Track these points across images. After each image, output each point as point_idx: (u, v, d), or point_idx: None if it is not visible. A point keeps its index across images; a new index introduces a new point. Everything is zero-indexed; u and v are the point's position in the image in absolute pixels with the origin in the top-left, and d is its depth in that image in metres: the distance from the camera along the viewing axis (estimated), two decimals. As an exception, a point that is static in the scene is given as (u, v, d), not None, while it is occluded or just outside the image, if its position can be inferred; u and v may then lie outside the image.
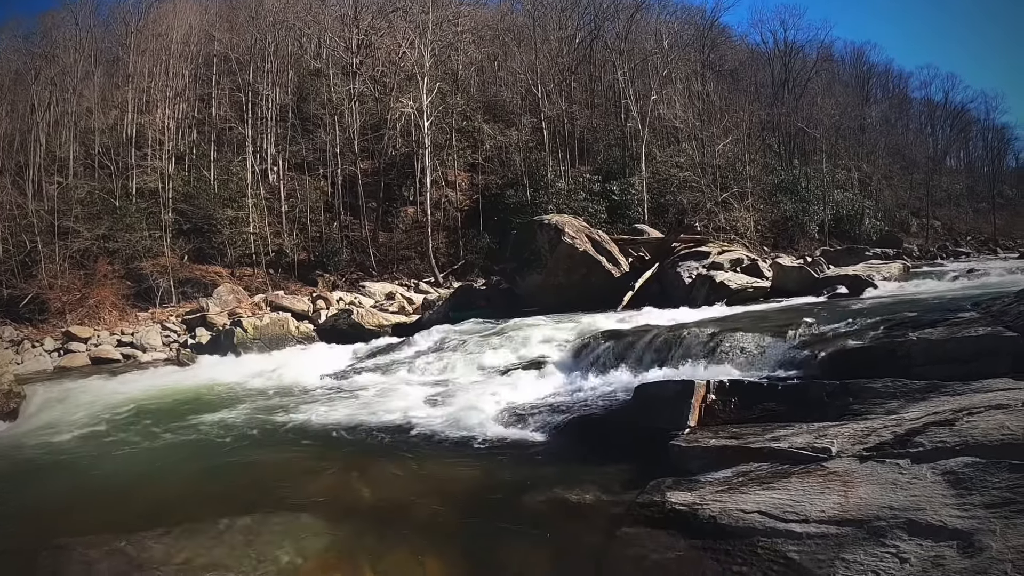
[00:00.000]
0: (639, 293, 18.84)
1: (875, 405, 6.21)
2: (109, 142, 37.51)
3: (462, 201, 39.56)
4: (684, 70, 48.27)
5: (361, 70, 40.15)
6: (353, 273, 34.33)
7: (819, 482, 4.67)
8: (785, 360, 8.88)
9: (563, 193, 36.26)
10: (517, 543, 5.42)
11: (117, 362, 23.13)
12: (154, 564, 5.37)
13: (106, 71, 43.62)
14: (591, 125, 44.74)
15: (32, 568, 5.47)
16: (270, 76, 40.74)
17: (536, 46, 43.71)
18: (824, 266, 22.43)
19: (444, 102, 38.84)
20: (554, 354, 12.93)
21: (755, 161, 43.97)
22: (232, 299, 28.81)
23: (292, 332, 22.82)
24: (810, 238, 42.23)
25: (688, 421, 6.90)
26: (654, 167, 39.62)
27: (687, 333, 10.97)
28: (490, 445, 8.11)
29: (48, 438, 11.25)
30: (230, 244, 33.98)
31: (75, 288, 28.94)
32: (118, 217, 32.92)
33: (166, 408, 13.15)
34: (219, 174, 37.27)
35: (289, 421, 10.59)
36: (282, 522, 6.00)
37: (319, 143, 39.20)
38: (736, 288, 17.32)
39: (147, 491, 7.88)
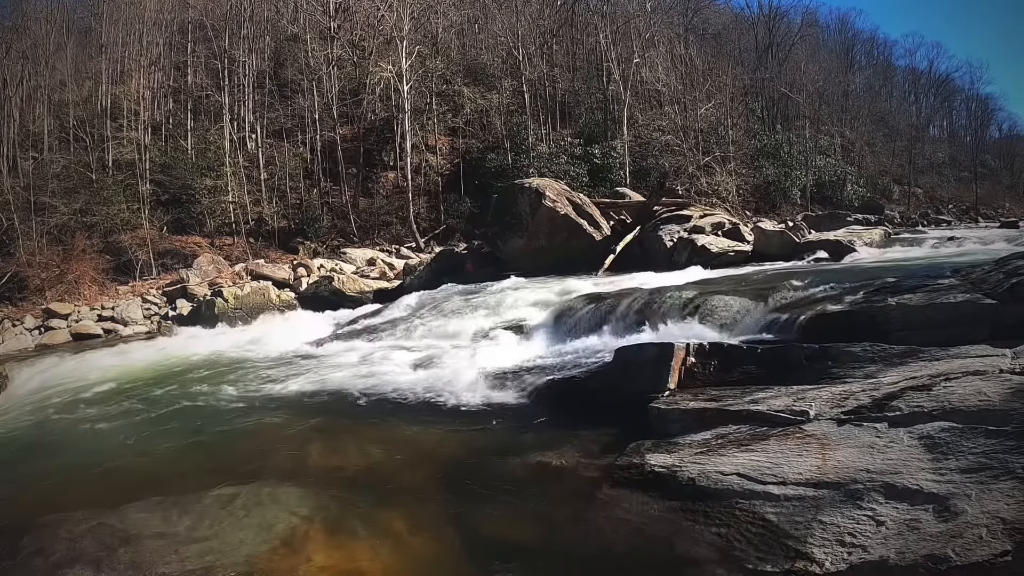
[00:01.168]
0: (620, 256, 18.88)
1: (853, 369, 6.21)
2: (84, 115, 37.11)
3: (443, 166, 39.43)
4: (667, 33, 48.11)
5: (339, 34, 39.79)
6: (334, 240, 34.28)
7: (797, 445, 4.70)
8: (765, 323, 8.92)
9: (544, 157, 36.11)
10: (499, 507, 5.44)
11: (98, 337, 23.19)
12: (139, 537, 5.35)
13: (79, 42, 43.07)
14: (573, 88, 44.53)
15: (17, 547, 5.39)
16: (246, 42, 40.23)
17: (517, 8, 43.53)
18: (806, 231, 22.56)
19: (424, 66, 38.62)
20: (535, 317, 12.94)
21: (738, 126, 43.95)
22: (212, 269, 28.75)
23: (273, 301, 22.89)
24: (792, 203, 42.22)
25: (668, 384, 6.88)
26: (636, 131, 39.55)
27: (668, 296, 10.99)
28: (472, 410, 8.15)
29: (30, 416, 11.26)
30: (209, 214, 33.85)
31: (54, 264, 28.78)
32: (95, 191, 32.71)
33: (148, 381, 13.13)
34: (196, 143, 37.04)
35: (271, 391, 10.59)
36: (266, 492, 6.01)
37: (297, 109, 38.98)
38: (717, 252, 17.40)
39: (131, 465, 7.88)
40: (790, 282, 10.30)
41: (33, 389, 13.74)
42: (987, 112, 78.73)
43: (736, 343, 7.88)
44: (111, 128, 35.82)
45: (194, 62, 41.33)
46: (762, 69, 52.33)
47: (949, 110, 78.99)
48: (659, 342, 8.00)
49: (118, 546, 5.20)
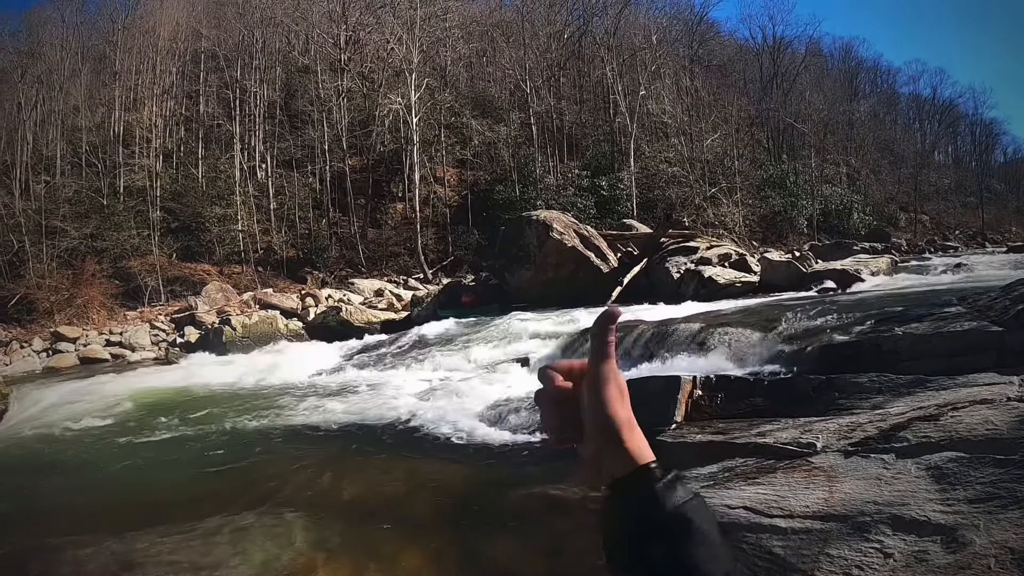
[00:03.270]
0: (628, 288, 18.88)
1: (860, 400, 6.16)
2: (96, 140, 37.54)
3: (451, 197, 39.56)
4: (673, 65, 48.26)
5: (349, 66, 40.18)
6: (342, 270, 34.36)
7: (804, 477, 4.64)
8: (772, 355, 8.84)
9: (552, 189, 36.25)
10: (504, 539, 5.38)
11: (106, 362, 23.10)
12: (142, 564, 5.34)
13: (93, 68, 43.52)
14: (580, 120, 44.78)
15: (22, 569, 5.44)
16: (258, 73, 40.73)
17: (525, 42, 43.84)
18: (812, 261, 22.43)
19: (432, 98, 38.92)
20: (542, 350, 12.86)
21: (743, 156, 43.97)
22: (221, 297, 28.81)
23: (281, 330, 22.81)
24: (799, 233, 42.17)
25: (674, 417, 6.77)
26: (643, 162, 39.70)
27: (675, 328, 10.89)
28: (478, 441, 8.10)
29: (36, 439, 11.22)
30: (218, 242, 34.01)
31: (63, 288, 29.00)
32: (106, 216, 33.00)
33: (155, 408, 13.10)
34: (207, 171, 37.38)
35: (278, 420, 10.57)
36: (270, 520, 5.98)
37: (307, 140, 39.21)
38: (724, 283, 17.35)
39: (136, 491, 7.88)
40: (797, 313, 10.21)
41: (40, 412, 13.73)
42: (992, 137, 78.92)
43: (743, 375, 7.83)
44: (123, 154, 36.17)
45: (206, 91, 41.73)
46: (767, 99, 52.45)
47: (954, 136, 78.99)
48: (666, 375, 7.89)
49: (121, 572, 5.22)
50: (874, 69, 76.34)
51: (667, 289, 18.09)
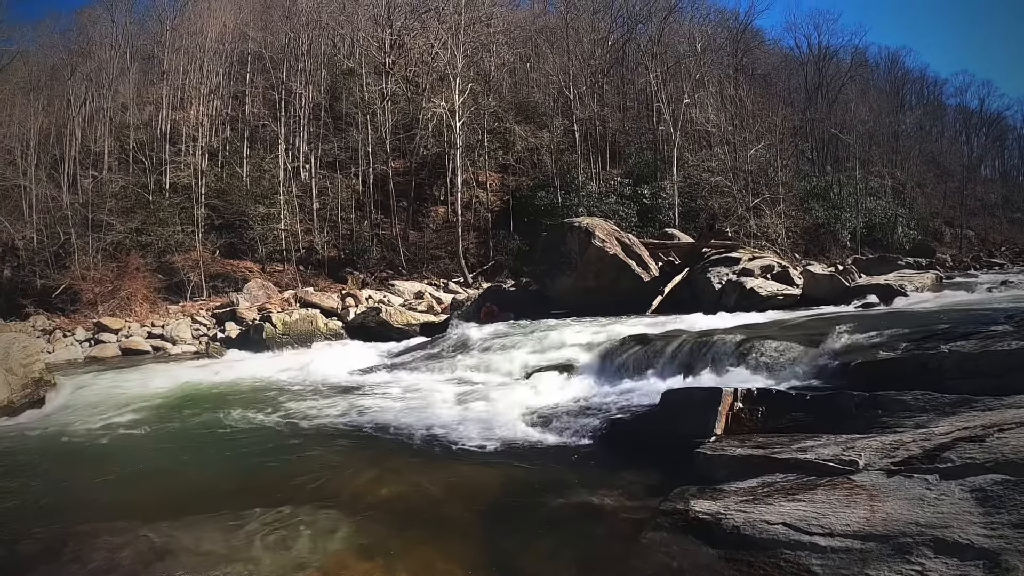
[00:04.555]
0: (668, 298, 18.71)
1: (904, 418, 6.08)
2: (143, 137, 38.15)
3: (493, 202, 39.60)
4: (717, 74, 47.82)
5: (394, 70, 40.38)
6: (383, 271, 34.52)
7: (845, 495, 4.59)
8: (814, 369, 8.78)
9: (594, 196, 36.06)
10: (539, 545, 5.32)
11: (147, 353, 23.62)
12: (176, 553, 5.41)
13: (141, 68, 44.32)
14: (623, 128, 44.54)
15: (57, 553, 5.52)
16: (303, 75, 41.00)
17: (569, 48, 43.69)
18: (855, 275, 22.12)
19: (476, 103, 38.96)
20: (582, 357, 12.74)
21: (787, 167, 43.52)
22: (262, 295, 29.09)
23: (321, 329, 22.94)
24: (842, 246, 41.63)
25: (714, 429, 6.76)
26: (686, 171, 39.41)
27: (716, 339, 10.83)
28: (515, 446, 8.05)
29: (76, 426, 11.38)
30: (261, 240, 34.43)
31: (107, 280, 29.51)
32: (151, 211, 33.54)
33: (193, 400, 13.28)
34: (252, 171, 37.78)
35: (314, 418, 10.64)
36: (304, 517, 6.02)
37: (351, 142, 39.45)
38: (766, 295, 17.15)
39: (172, 481, 7.97)
40: (840, 327, 10.06)
41: (81, 400, 13.94)
42: (1041, 150, 77.35)
43: (784, 389, 7.73)
44: (169, 152, 36.81)
45: (252, 92, 42.17)
46: (812, 109, 51.97)
47: (1001, 149, 77.80)
48: (707, 387, 7.91)
49: (154, 560, 5.29)
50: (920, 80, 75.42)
51: (708, 299, 17.89)
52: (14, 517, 6.83)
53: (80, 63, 42.54)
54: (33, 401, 13.32)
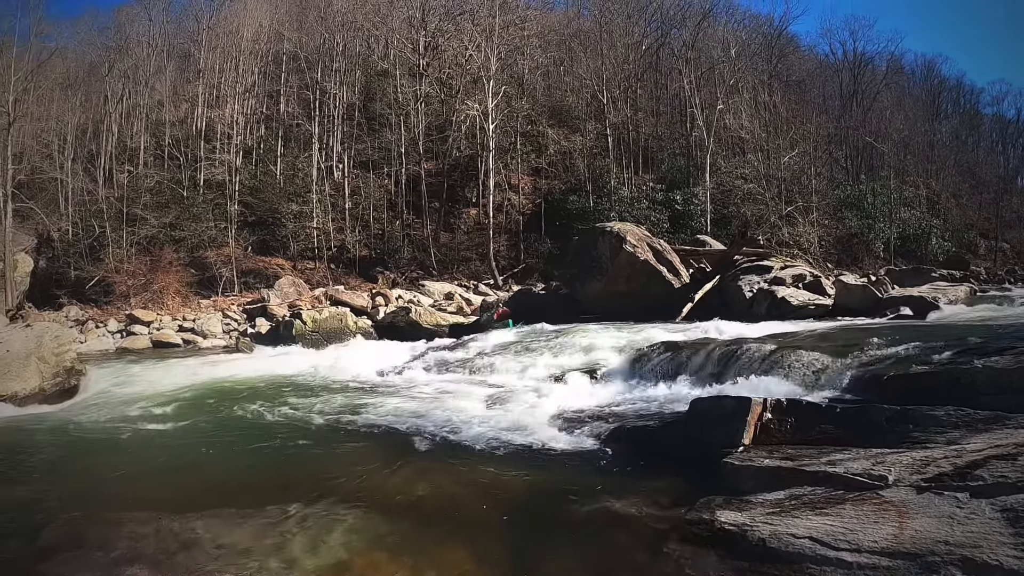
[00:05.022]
0: (699, 305, 18.67)
1: (935, 434, 5.99)
2: (179, 134, 38.76)
3: (524, 205, 39.62)
4: (751, 80, 47.34)
5: (428, 72, 40.55)
6: (413, 272, 34.70)
7: (873, 511, 4.55)
8: (845, 381, 8.71)
9: (626, 201, 35.94)
10: (563, 550, 5.38)
11: (177, 346, 23.90)
12: (199, 545, 5.49)
13: (178, 66, 45.18)
14: (656, 133, 44.33)
15: (82, 539, 5.63)
16: (338, 75, 41.44)
17: (602, 52, 43.62)
18: (888, 286, 21.88)
19: (509, 106, 39.02)
20: (611, 362, 12.78)
21: (821, 175, 42.88)
22: (293, 291, 29.34)
23: (350, 327, 23.13)
24: (875, 256, 41.09)
25: (743, 439, 6.67)
26: (718, 178, 39.05)
27: (746, 348, 10.77)
28: (542, 449, 8.06)
29: (106, 415, 11.61)
30: (293, 238, 34.79)
31: (140, 273, 30.02)
32: (185, 207, 34.10)
33: (222, 394, 13.46)
34: (285, 169, 38.17)
35: (342, 415, 10.72)
36: (329, 514, 6.12)
37: (384, 142, 39.70)
38: (797, 304, 17.04)
39: (198, 473, 8.08)
40: (871, 339, 10.01)
41: (111, 390, 14.21)
42: (1079, 163, 75.90)
43: (815, 401, 7.66)
44: (204, 149, 37.39)
45: (287, 92, 42.62)
46: (846, 117, 51.32)
47: (1038, 160, 76.56)
48: (736, 396, 7.71)
49: (177, 551, 5.37)
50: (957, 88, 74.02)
51: (739, 308, 17.78)
52: (41, 502, 6.97)
53: (117, 60, 43.39)
54: (64, 389, 13.62)
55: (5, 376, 13.02)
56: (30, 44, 34.24)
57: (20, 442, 9.93)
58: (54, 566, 5.17)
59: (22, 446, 9.69)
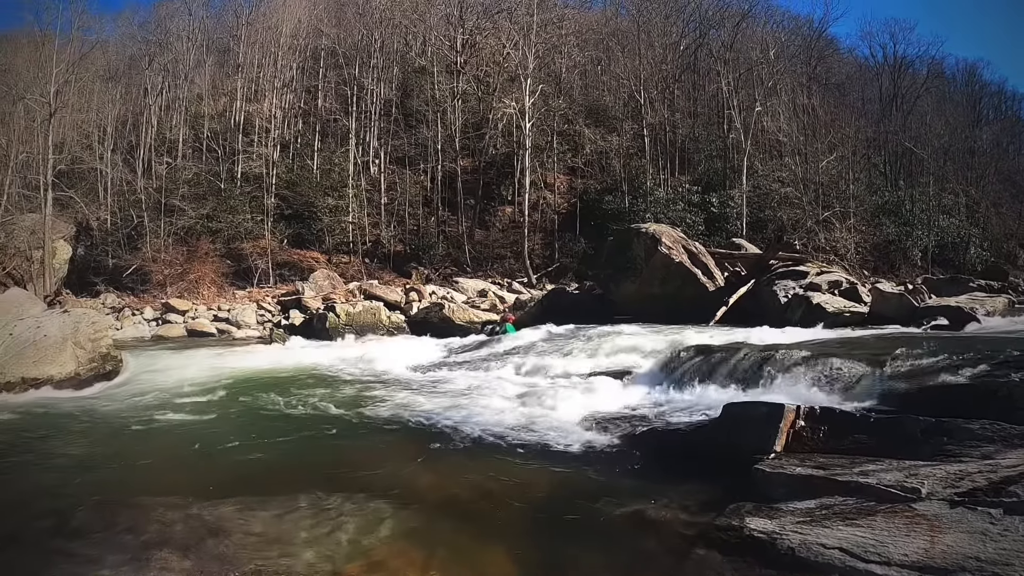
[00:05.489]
0: (732, 309, 18.49)
1: (971, 447, 5.90)
2: (217, 127, 39.28)
3: (560, 204, 39.62)
4: (790, 82, 46.93)
5: (465, 69, 40.67)
6: (447, 268, 34.87)
7: (905, 523, 4.47)
8: (879, 391, 8.55)
9: (661, 202, 35.70)
10: (587, 552, 5.31)
11: (212, 336, 24.26)
12: (227, 531, 5.53)
13: (217, 60, 45.85)
14: (693, 134, 43.98)
15: (112, 522, 5.69)
16: (375, 71, 41.70)
17: (640, 52, 43.47)
18: (925, 295, 21.53)
19: (546, 104, 39.06)
20: (643, 364, 12.60)
21: (859, 180, 42.27)
22: (327, 285, 29.52)
23: (383, 321, 23.30)
24: (911, 264, 40.39)
25: (774, 446, 6.60)
26: (755, 181, 38.69)
27: (780, 354, 10.57)
28: (570, 451, 8.01)
29: (140, 401, 11.79)
30: (329, 232, 35.19)
31: (177, 263, 30.59)
32: (222, 199, 34.63)
33: (255, 384, 13.55)
34: (322, 163, 38.54)
35: (373, 408, 10.77)
36: (359, 507, 6.08)
37: (421, 139, 39.93)
38: (833, 311, 16.78)
39: (228, 461, 8.16)
40: (907, 349, 9.70)
41: (145, 377, 14.34)
42: (1124, 172, 74.62)
43: (848, 410, 7.49)
44: (242, 142, 37.92)
45: (324, 87, 42.98)
46: (885, 121, 50.61)
47: (1082, 170, 75.22)
48: (769, 401, 7.67)
49: (207, 537, 5.40)
50: (998, 94, 72.75)
51: (773, 313, 17.53)
52: (73, 485, 7.10)
53: (158, 54, 44.14)
54: (99, 375, 13.83)
55: (41, 360, 13.25)
56: (71, 37, 34.88)
57: (55, 425, 10.13)
58: (85, 547, 5.23)
59: (56, 429, 9.88)
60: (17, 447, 8.89)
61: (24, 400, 12.17)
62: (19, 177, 32.95)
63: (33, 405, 11.71)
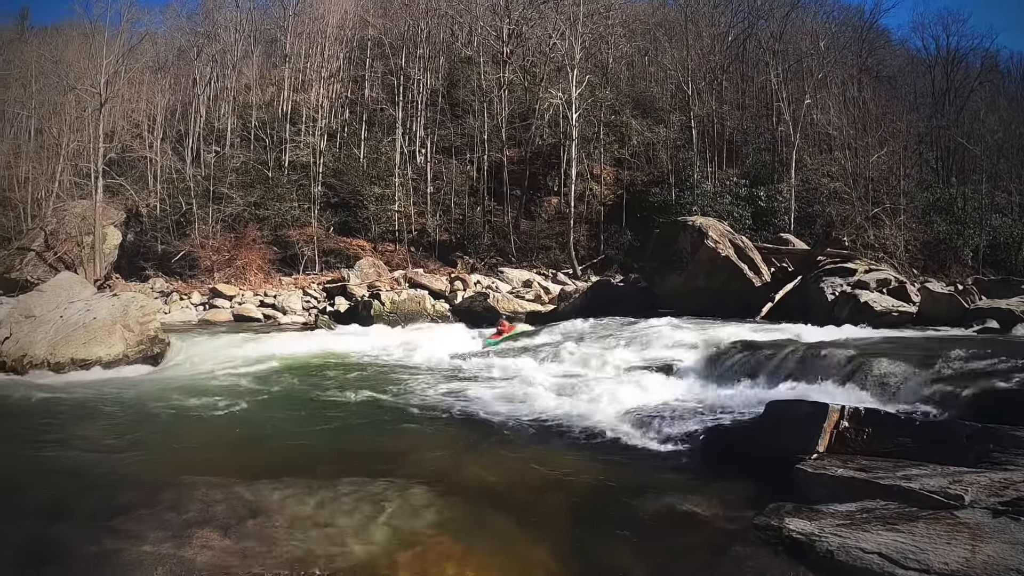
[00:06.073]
0: (778, 305, 18.39)
1: (1017, 455, 5.80)
2: (265, 117, 39.86)
3: (606, 195, 39.36)
4: (840, 74, 46.15)
5: (511, 59, 40.68)
6: (492, 258, 34.96)
7: (946, 531, 4.46)
8: (925, 394, 8.43)
9: (708, 195, 35.32)
10: (626, 545, 5.36)
11: (258, 321, 24.73)
12: (268, 512, 5.64)
13: (264, 51, 46.60)
14: (741, 127, 43.33)
15: (155, 499, 5.80)
16: (422, 61, 41.98)
17: (688, 42, 43.10)
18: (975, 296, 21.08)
19: (593, 95, 38.91)
20: (686, 358, 12.63)
21: (910, 176, 41.39)
22: (372, 272, 29.80)
23: (428, 310, 23.55)
24: (962, 264, 39.11)
25: (817, 446, 6.56)
26: (804, 175, 38.06)
27: (825, 353, 10.59)
28: (610, 443, 8.09)
29: (184, 383, 12.12)
30: (375, 220, 35.55)
31: (224, 249, 31.23)
32: (270, 187, 35.16)
33: (299, 369, 13.90)
34: (368, 152, 38.90)
35: (416, 396, 10.98)
36: (394, 493, 6.20)
37: (467, 129, 40.01)
38: (880, 311, 16.49)
39: (271, 444, 8.39)
40: (955, 351, 9.54)
41: (191, 359, 14.81)
42: None
43: (893, 412, 7.47)
44: (289, 131, 38.41)
45: (371, 77, 43.19)
46: (938, 116, 49.51)
47: None
48: (813, 401, 7.67)
49: (248, 517, 5.51)
50: (1055, 89, 71.43)
51: (819, 310, 17.33)
52: (119, 463, 7.33)
53: (206, 45, 45.00)
54: (147, 357, 14.38)
55: (91, 342, 13.67)
56: (121, 29, 35.57)
57: (102, 404, 10.42)
58: (129, 523, 5.33)
59: (103, 408, 10.17)
60: (65, 425, 9.18)
61: (73, 380, 12.61)
62: (70, 165, 33.79)
63: (81, 385, 12.10)
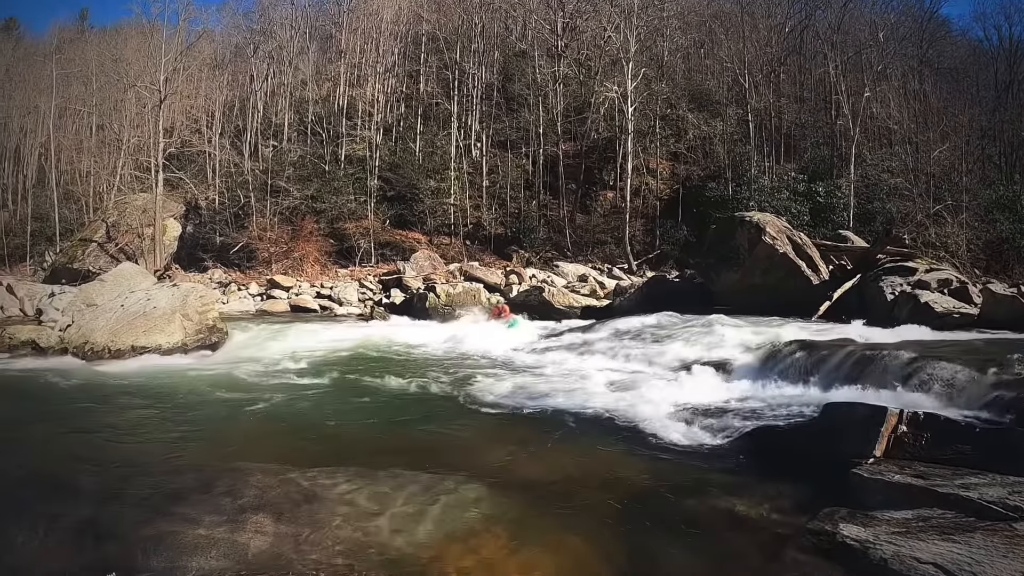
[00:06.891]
0: (836, 304, 18.10)
1: None
2: (321, 112, 40.52)
3: (662, 190, 39.15)
4: (900, 66, 45.25)
5: (566, 53, 40.74)
6: (547, 252, 35.02)
7: (1005, 543, 4.38)
8: (987, 400, 8.11)
9: (766, 190, 34.85)
10: (676, 545, 5.34)
11: (314, 312, 25.23)
12: (322, 499, 5.76)
13: (320, 47, 47.37)
14: (799, 120, 42.57)
15: (210, 484, 5.96)
16: (476, 56, 42.20)
17: (744, 34, 42.53)
18: None
19: (648, 88, 38.75)
20: (741, 357, 12.46)
21: (972, 172, 40.25)
22: (428, 265, 30.05)
23: (483, 303, 23.57)
24: (1027, 264, 38.66)
25: (874, 450, 6.41)
26: (863, 170, 37.16)
27: (885, 354, 10.30)
28: (664, 441, 8.00)
29: (241, 372, 12.36)
30: (430, 213, 35.93)
31: (282, 241, 31.85)
32: (326, 180, 35.80)
33: (354, 360, 14.12)
34: (424, 147, 39.27)
35: (468, 389, 10.99)
36: (446, 485, 6.25)
37: (522, 123, 40.17)
38: (941, 312, 16.07)
39: (325, 433, 8.49)
40: (1018, 355, 9.22)
41: (248, 349, 15.17)
42: None
43: (953, 417, 7.17)
44: (346, 126, 39.06)
45: (426, 71, 43.68)
46: (1001, 110, 48.30)
47: None
48: (871, 403, 7.48)
49: (302, 503, 5.65)
50: (1125, 82, 69.44)
51: (878, 310, 17.02)
52: (176, 448, 7.54)
53: (262, 42, 45.78)
54: (205, 345, 14.86)
55: (152, 330, 14.10)
56: (179, 28, 36.41)
57: (160, 391, 10.71)
58: (184, 507, 5.49)
59: (161, 394, 10.44)
60: (123, 410, 9.50)
61: (132, 366, 12.99)
62: (131, 159, 34.75)
63: (141, 371, 12.48)
